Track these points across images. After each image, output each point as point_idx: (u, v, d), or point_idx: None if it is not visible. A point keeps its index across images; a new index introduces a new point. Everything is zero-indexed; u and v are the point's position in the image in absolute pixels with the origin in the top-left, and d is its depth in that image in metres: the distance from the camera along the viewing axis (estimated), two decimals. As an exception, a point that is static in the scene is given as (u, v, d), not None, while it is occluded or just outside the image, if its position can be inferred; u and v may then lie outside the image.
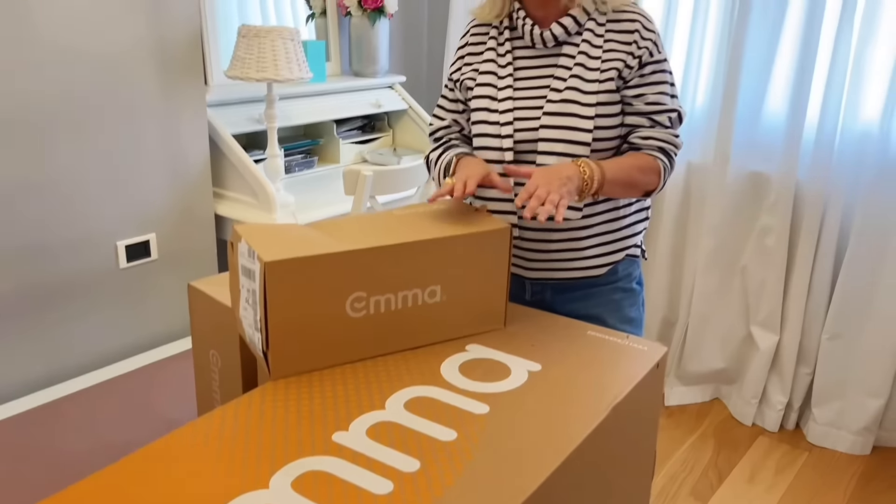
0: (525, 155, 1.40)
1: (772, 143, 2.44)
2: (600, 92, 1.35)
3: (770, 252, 2.50)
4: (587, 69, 1.36)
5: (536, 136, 1.37)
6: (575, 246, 1.42)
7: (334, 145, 2.79)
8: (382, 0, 2.75)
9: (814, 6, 2.28)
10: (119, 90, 1.96)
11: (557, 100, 1.36)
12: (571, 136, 1.35)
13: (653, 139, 1.37)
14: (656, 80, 1.38)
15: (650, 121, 1.38)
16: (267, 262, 1.00)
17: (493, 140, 1.41)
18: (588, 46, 1.37)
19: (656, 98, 1.38)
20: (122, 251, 2.06)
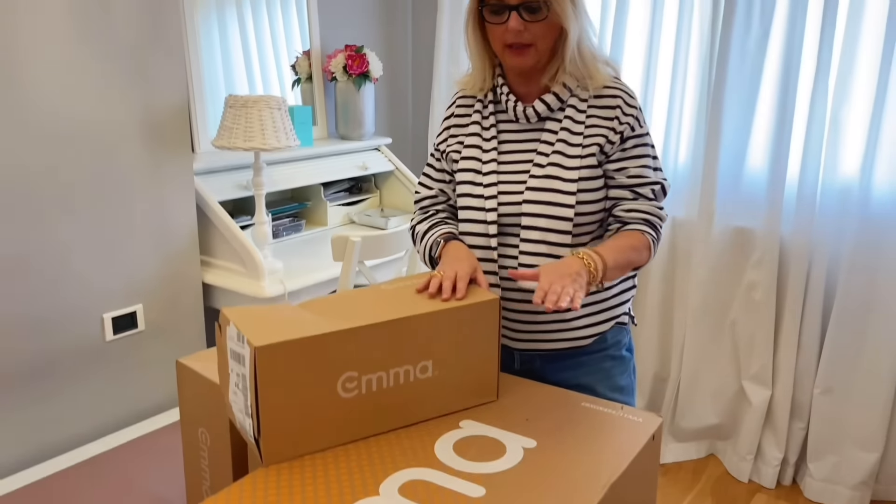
0: (509, 228, 1.41)
1: (755, 199, 2.48)
2: (582, 167, 1.37)
3: (758, 306, 2.51)
4: (569, 145, 1.38)
5: (520, 211, 1.39)
6: (562, 317, 1.42)
7: (322, 208, 2.80)
8: (367, 66, 2.80)
9: (789, 67, 2.34)
10: (106, 162, 1.96)
11: (540, 175, 1.38)
12: (554, 211, 1.36)
13: (637, 211, 1.38)
14: (638, 153, 1.40)
15: (633, 193, 1.39)
16: (257, 347, 0.99)
17: (478, 213, 1.42)
18: (570, 122, 1.39)
19: (638, 171, 1.39)
20: (108, 323, 2.03)
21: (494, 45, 1.38)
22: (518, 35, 1.32)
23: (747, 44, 2.38)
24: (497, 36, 1.36)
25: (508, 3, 1.31)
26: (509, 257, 1.41)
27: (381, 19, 3.13)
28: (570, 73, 1.38)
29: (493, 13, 1.34)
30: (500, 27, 1.34)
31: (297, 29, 2.85)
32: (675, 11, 2.52)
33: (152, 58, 2.01)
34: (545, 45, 1.36)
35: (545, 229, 1.37)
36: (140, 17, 1.96)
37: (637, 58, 2.62)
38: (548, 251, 1.37)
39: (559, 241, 1.37)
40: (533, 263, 1.38)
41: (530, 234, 1.38)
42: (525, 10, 1.31)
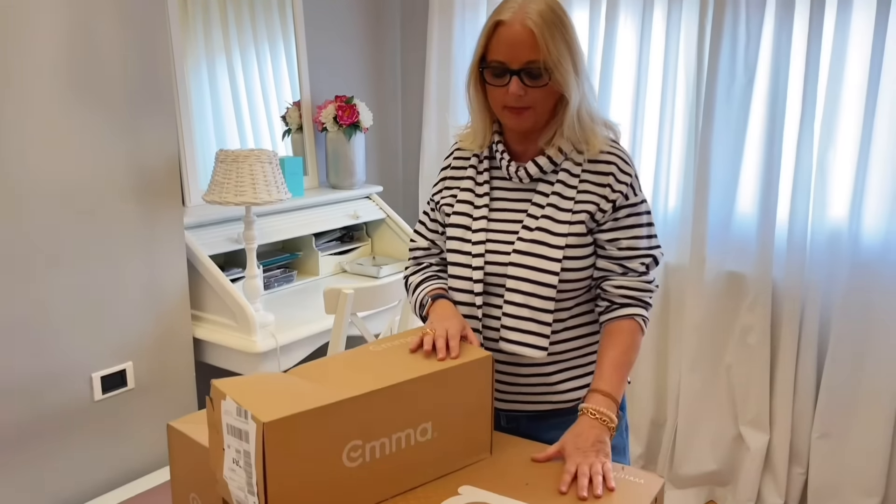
0: (494, 288, 1.40)
1: (746, 244, 2.49)
2: (570, 234, 1.36)
3: (753, 351, 2.50)
4: (559, 210, 1.37)
5: (505, 272, 1.38)
6: (545, 381, 1.41)
7: (313, 258, 2.79)
8: (358, 116, 2.82)
9: (774, 113, 2.37)
10: (94, 219, 1.95)
11: (528, 238, 1.37)
12: (539, 276, 1.35)
13: (625, 288, 1.37)
14: (631, 223, 1.37)
15: (622, 268, 1.37)
16: (266, 423, 0.97)
17: (464, 270, 1.42)
18: (562, 187, 1.38)
19: (630, 243, 1.37)
20: (97, 382, 2.00)
21: (494, 104, 1.38)
22: (518, 99, 1.32)
23: (733, 91, 2.42)
24: (497, 97, 1.35)
25: (510, 68, 1.31)
26: (492, 317, 1.41)
27: (370, 70, 3.16)
28: (567, 137, 1.37)
29: (494, 75, 1.34)
30: (500, 89, 1.33)
31: (287, 80, 2.87)
32: (660, 59, 2.56)
33: (143, 112, 2.01)
34: (544, 108, 1.35)
35: (529, 293, 1.36)
36: (131, 71, 1.97)
37: (624, 104, 2.65)
38: (530, 315, 1.36)
39: (542, 305, 1.36)
40: (515, 326, 1.36)
41: (514, 296, 1.37)
42: (526, 76, 1.30)
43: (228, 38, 2.64)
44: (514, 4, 1.32)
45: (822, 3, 2.24)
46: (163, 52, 2.03)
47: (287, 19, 2.80)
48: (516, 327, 1.36)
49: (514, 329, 1.36)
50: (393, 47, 3.24)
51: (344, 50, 3.04)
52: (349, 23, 3.04)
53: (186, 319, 2.21)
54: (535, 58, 1.29)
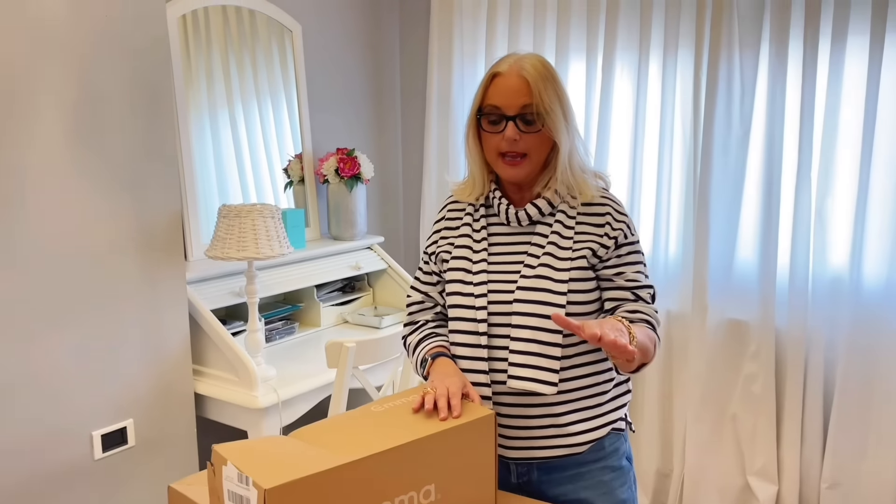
0: (499, 328, 1.41)
1: (747, 291, 2.49)
2: (573, 268, 1.39)
3: (758, 399, 2.48)
4: (559, 248, 1.41)
5: (510, 310, 1.39)
6: (556, 422, 1.40)
7: (315, 309, 2.79)
8: (359, 168, 2.85)
9: (771, 162, 2.40)
10: (95, 275, 1.95)
11: (531, 275, 1.39)
12: (545, 310, 1.37)
13: (641, 313, 1.40)
14: (633, 259, 1.43)
15: (634, 295, 1.41)
16: (268, 490, 0.96)
17: (468, 311, 1.43)
18: (561, 227, 1.42)
19: (635, 276, 1.42)
20: (97, 441, 1.98)
21: (489, 154, 1.43)
22: (513, 144, 1.38)
23: (729, 141, 2.45)
24: (493, 145, 1.41)
25: (506, 114, 1.38)
26: (499, 359, 1.40)
27: (371, 122, 3.20)
28: (561, 182, 1.42)
29: (490, 123, 1.40)
30: (496, 136, 1.39)
31: (289, 132, 2.91)
32: (657, 111, 2.60)
33: (146, 169, 2.03)
34: (538, 157, 1.41)
35: (536, 328, 1.37)
36: (134, 126, 1.99)
37: (623, 154, 2.68)
38: (538, 350, 1.36)
39: (550, 339, 1.37)
40: (524, 362, 1.37)
41: (521, 332, 1.38)
42: (521, 121, 1.37)
43: (231, 91, 2.69)
44: (510, 59, 1.41)
45: (815, 54, 2.28)
46: (167, 109, 2.07)
47: (289, 73, 2.85)
48: (525, 363, 1.36)
49: (522, 365, 1.36)
50: (393, 99, 3.29)
51: (345, 102, 3.09)
52: (350, 76, 3.09)
53: (188, 375, 2.20)
54: (529, 102, 1.36)
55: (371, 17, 3.13)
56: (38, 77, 1.79)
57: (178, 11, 2.42)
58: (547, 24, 2.78)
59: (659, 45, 2.55)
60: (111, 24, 1.91)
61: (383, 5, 3.18)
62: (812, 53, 2.29)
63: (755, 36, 2.38)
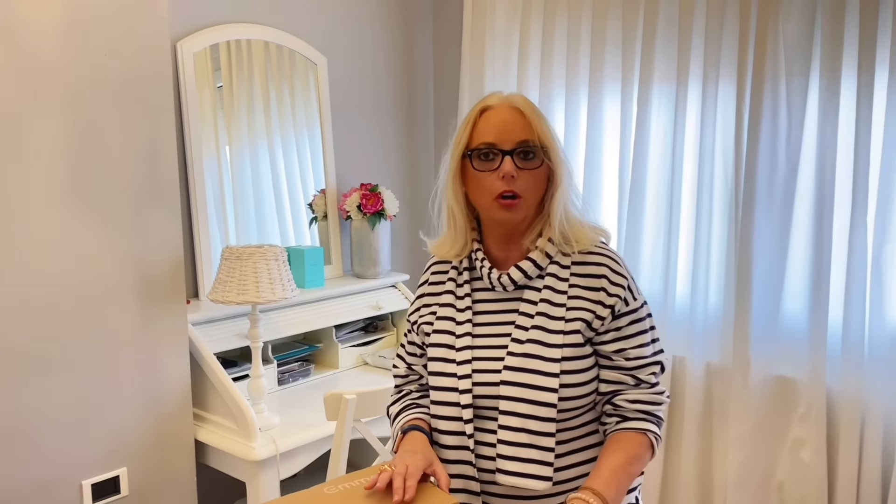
0: (485, 411, 1.26)
1: (795, 346, 2.25)
2: (566, 345, 1.23)
3: (807, 467, 2.23)
4: (550, 318, 1.25)
5: (497, 393, 1.24)
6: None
7: (334, 350, 2.69)
8: (382, 204, 2.75)
9: (822, 204, 2.17)
10: (92, 320, 1.90)
11: (519, 353, 1.24)
12: (535, 395, 1.21)
13: (640, 402, 1.24)
14: (634, 331, 1.27)
15: (635, 379, 1.25)
16: None
17: (450, 395, 1.28)
18: (550, 293, 1.26)
19: (638, 352, 1.26)
20: (87, 491, 1.91)
21: (482, 198, 1.28)
22: (510, 182, 1.23)
23: (774, 181, 2.23)
24: (485, 186, 1.26)
25: (502, 148, 1.24)
26: (487, 444, 1.25)
27: (399, 157, 3.11)
28: (555, 233, 1.27)
29: (482, 160, 1.26)
30: (489, 176, 1.25)
31: (313, 168, 2.83)
32: (694, 148, 2.40)
33: (145, 209, 1.98)
34: (533, 199, 1.27)
35: (526, 415, 1.22)
36: (134, 168, 1.94)
37: (659, 195, 2.49)
38: (529, 440, 1.22)
39: (541, 429, 1.21)
40: (513, 455, 1.22)
41: (509, 419, 1.23)
42: (519, 157, 1.25)
43: (253, 126, 2.64)
44: (498, 95, 1.30)
45: (871, 85, 2.06)
46: (168, 149, 2.01)
47: (312, 106, 2.78)
48: (514, 456, 1.21)
49: (511, 458, 1.21)
50: (426, 134, 3.19)
51: (372, 136, 3.01)
52: (377, 109, 3.01)
53: (188, 421, 2.13)
54: (529, 137, 1.24)
55: (400, 50, 3.05)
56: (31, 116, 1.75)
57: (195, 47, 2.39)
58: (581, 52, 2.63)
59: (698, 74, 2.37)
60: (110, 61, 1.87)
61: (415, 39, 3.09)
62: (867, 84, 2.06)
63: (804, 65, 2.16)
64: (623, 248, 2.55)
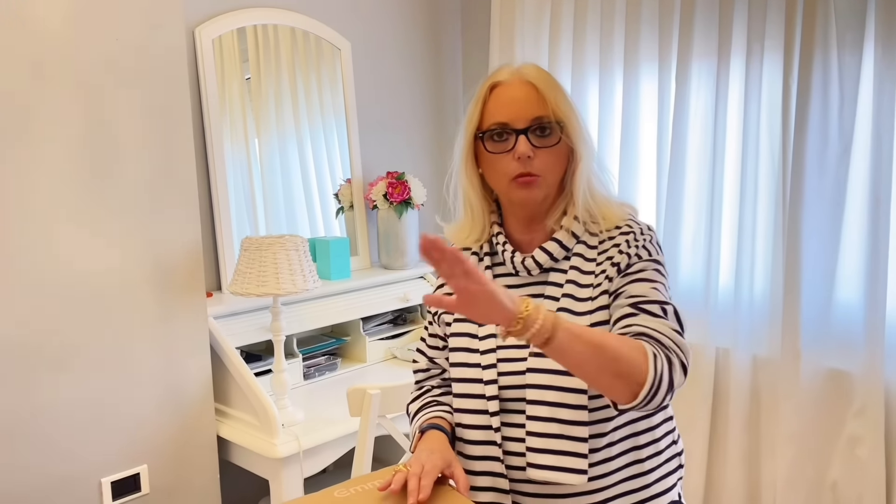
0: (512, 403, 1.18)
1: (850, 337, 2.10)
2: (594, 324, 1.13)
3: (864, 465, 2.08)
4: (577, 300, 1.15)
5: (524, 382, 1.15)
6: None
7: (361, 343, 2.62)
8: (409, 192, 2.66)
9: (878, 183, 2.00)
10: (109, 313, 1.85)
11: None
12: (564, 381, 1.12)
13: (637, 325, 1.08)
14: (643, 277, 1.14)
15: (636, 309, 1.10)
16: None
17: (475, 387, 1.20)
18: (577, 274, 1.17)
19: (642, 290, 1.12)
20: (106, 489, 1.87)
21: (497, 180, 1.19)
22: (526, 163, 1.14)
23: (826, 159, 2.08)
24: (501, 168, 1.17)
25: (515, 127, 1.15)
26: (515, 439, 1.17)
27: (428, 144, 3.01)
28: (580, 211, 1.18)
29: (496, 141, 1.17)
30: (504, 157, 1.16)
31: (340, 156, 2.76)
32: (738, 126, 2.26)
33: (161, 200, 1.92)
34: (553, 177, 1.18)
35: (555, 404, 1.13)
36: (149, 157, 1.88)
37: (701, 177, 2.35)
38: (560, 430, 1.12)
39: (573, 417, 1.12)
40: (544, 447, 1.13)
41: (538, 409, 1.14)
42: (534, 135, 1.15)
43: (281, 114, 2.57)
44: (508, 68, 1.20)
45: (933, 54, 1.89)
46: (184, 137, 1.95)
47: (338, 93, 2.70)
48: (546, 448, 1.12)
49: (542, 451, 1.13)
50: (456, 118, 3.08)
51: (399, 123, 2.92)
52: (404, 94, 2.92)
53: (210, 417, 2.07)
54: (543, 113, 1.14)
55: (427, 32, 2.95)
56: (41, 103, 1.70)
57: (213, 33, 2.32)
58: (615, 32, 2.50)
59: (741, 47, 2.22)
60: (122, 47, 1.81)
61: (441, 20, 2.99)
62: (929, 53, 1.90)
63: (857, 33, 2.00)
64: (662, 235, 2.42)
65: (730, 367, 2.32)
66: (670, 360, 1.04)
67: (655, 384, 1.01)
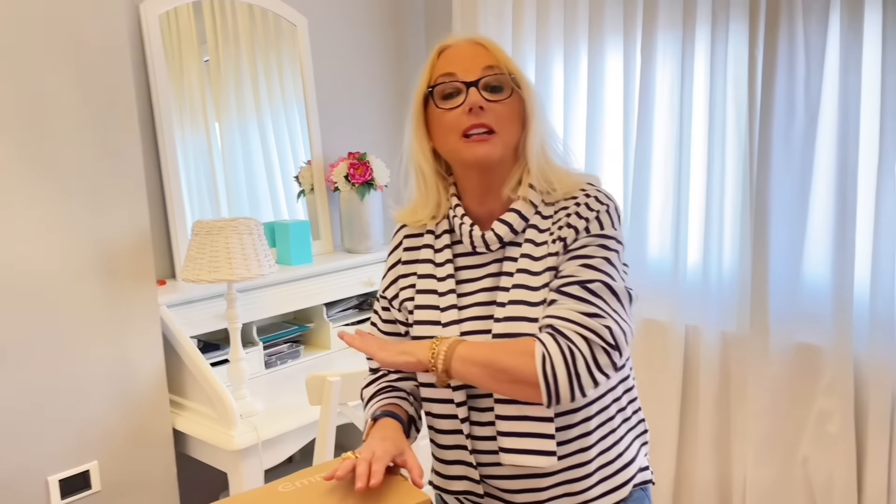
0: (479, 390, 1.11)
1: (818, 311, 2.07)
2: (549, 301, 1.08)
3: (835, 441, 2.06)
4: (532, 274, 1.10)
5: None
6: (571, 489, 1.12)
7: (324, 330, 2.54)
8: (371, 174, 2.58)
9: (845, 156, 1.97)
10: (53, 305, 1.76)
11: (503, 317, 1.10)
12: None
13: (547, 317, 1.05)
14: (581, 254, 1.08)
15: (558, 293, 1.06)
16: None
17: None
18: (531, 247, 1.11)
19: (571, 270, 1.06)
20: (54, 487, 1.79)
21: (448, 139, 1.12)
22: (478, 115, 1.08)
23: (792, 131, 2.04)
24: (451, 124, 1.10)
25: (465, 80, 1.09)
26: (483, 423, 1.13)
27: (391, 123, 2.93)
28: (535, 178, 1.12)
29: (445, 98, 1.11)
30: (454, 112, 1.09)
31: (301, 138, 2.67)
32: (704, 99, 2.21)
33: (106, 185, 1.82)
34: (509, 135, 1.11)
35: None
36: (91, 140, 1.79)
37: (667, 151, 2.31)
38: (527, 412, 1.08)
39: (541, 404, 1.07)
40: (512, 430, 1.09)
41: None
42: (485, 87, 1.10)
43: (241, 95, 2.47)
44: (457, 36, 1.16)
45: (899, 21, 1.85)
46: (129, 118, 1.85)
47: (296, 71, 2.61)
48: (514, 431, 1.08)
49: (511, 434, 1.08)
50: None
51: (360, 102, 2.83)
52: (365, 72, 2.83)
53: (164, 410, 1.99)
54: (493, 63, 1.10)
55: (387, 8, 2.86)
56: (-30, 85, 1.60)
57: (159, 9, 2.22)
58: (579, 4, 2.44)
59: (706, 17, 2.17)
60: (59, 25, 1.71)
61: (402, -6, 2.90)
62: (895, 21, 1.86)
63: (823, 2, 1.96)
64: (630, 212, 2.38)
65: (699, 344, 2.28)
66: (571, 350, 1.00)
67: (551, 383, 1.00)
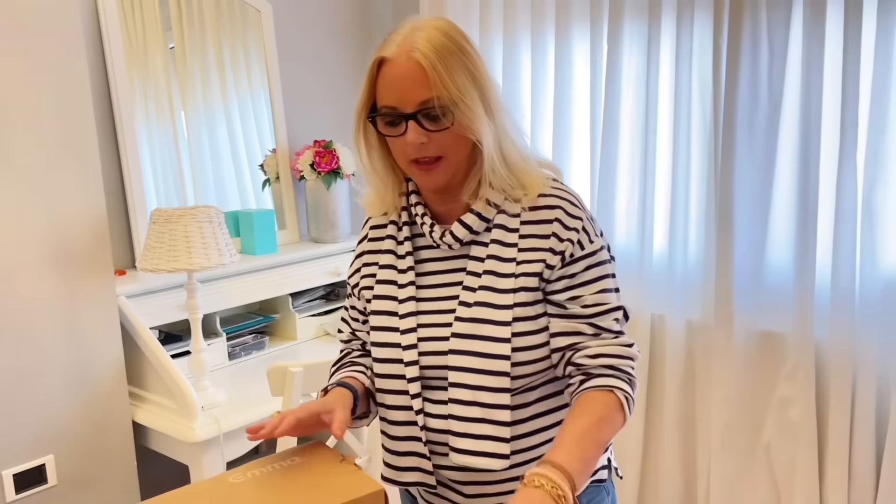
0: (435, 381, 1.11)
1: (781, 299, 2.09)
2: (517, 305, 1.06)
3: (796, 427, 2.08)
4: (499, 276, 1.08)
5: (445, 363, 1.08)
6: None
7: (291, 320, 2.52)
8: (338, 162, 2.55)
9: (807, 145, 1.99)
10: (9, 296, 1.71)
11: (467, 317, 1.08)
12: (486, 364, 1.06)
13: (604, 356, 1.06)
14: (593, 276, 1.09)
15: (594, 328, 1.07)
16: None
17: (395, 367, 1.13)
18: (498, 247, 1.09)
19: (597, 298, 1.08)
20: (8, 481, 1.74)
21: (399, 160, 1.11)
22: (421, 148, 1.05)
23: (756, 120, 2.05)
24: (398, 150, 1.09)
25: (403, 112, 1.04)
26: (439, 416, 1.11)
27: (357, 111, 2.90)
28: (494, 186, 1.10)
29: (388, 124, 1.07)
30: (399, 140, 1.07)
31: (266, 125, 2.63)
32: (669, 89, 2.22)
33: (58, 168, 1.78)
34: (457, 156, 1.08)
35: (477, 387, 1.07)
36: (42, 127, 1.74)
37: (633, 141, 2.31)
38: (481, 415, 1.06)
39: (495, 401, 1.06)
40: (466, 431, 1.07)
41: (459, 392, 1.07)
42: (425, 119, 1.04)
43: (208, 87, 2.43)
44: (398, 36, 1.05)
45: (860, 13, 1.87)
46: (80, 103, 1.80)
47: (261, 58, 2.57)
48: (466, 432, 1.07)
49: (463, 435, 1.07)
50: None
51: (327, 89, 2.80)
52: (331, 58, 2.80)
53: (123, 402, 1.95)
54: (429, 96, 1.02)
55: (355, -6, 2.83)
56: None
57: (118, -7, 2.16)
58: (546, -7, 2.43)
59: (671, 7, 2.17)
60: (6, 10, 1.65)
61: (370, -19, 2.87)
62: (856, 12, 1.87)
63: (786, -8, 1.97)
64: (596, 200, 2.38)
65: (665, 332, 2.30)
66: (631, 382, 1.07)
67: (630, 412, 1.07)
